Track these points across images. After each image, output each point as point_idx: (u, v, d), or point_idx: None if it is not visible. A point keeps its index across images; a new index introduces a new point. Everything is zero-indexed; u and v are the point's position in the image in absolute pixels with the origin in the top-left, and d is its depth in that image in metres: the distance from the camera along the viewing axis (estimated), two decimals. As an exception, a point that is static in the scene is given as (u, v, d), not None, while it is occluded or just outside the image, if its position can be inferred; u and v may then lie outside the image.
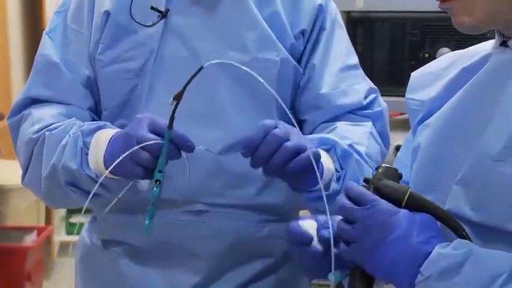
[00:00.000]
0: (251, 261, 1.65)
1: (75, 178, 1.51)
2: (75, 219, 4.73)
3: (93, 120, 1.64)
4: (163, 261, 1.61)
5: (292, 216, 1.70)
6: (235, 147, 1.41)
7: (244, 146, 1.37)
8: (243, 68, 1.26)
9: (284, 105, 1.31)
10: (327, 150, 1.53)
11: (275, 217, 1.66)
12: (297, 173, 1.38)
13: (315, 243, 1.19)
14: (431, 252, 1.05)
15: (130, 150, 1.32)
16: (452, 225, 1.09)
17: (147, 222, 1.34)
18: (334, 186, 1.50)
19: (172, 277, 1.62)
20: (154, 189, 1.32)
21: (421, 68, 1.34)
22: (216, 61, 1.25)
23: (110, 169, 1.35)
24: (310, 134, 1.66)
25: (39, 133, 1.58)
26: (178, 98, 1.28)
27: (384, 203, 1.08)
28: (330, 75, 1.66)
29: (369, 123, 1.65)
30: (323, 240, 1.18)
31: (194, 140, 1.49)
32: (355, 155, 1.54)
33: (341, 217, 1.12)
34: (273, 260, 1.68)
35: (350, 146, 1.55)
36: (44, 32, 1.71)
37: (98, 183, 1.36)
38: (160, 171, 1.32)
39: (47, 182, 1.56)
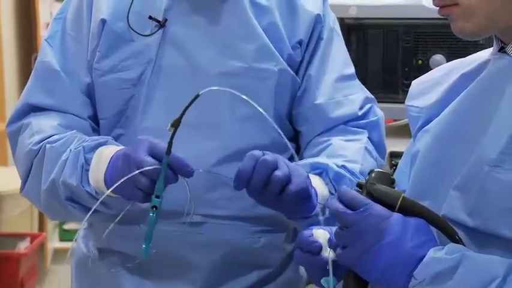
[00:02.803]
0: (247, 272, 1.65)
1: (75, 194, 1.51)
2: (68, 225, 4.71)
3: (93, 129, 1.64)
4: (159, 272, 1.61)
5: (289, 227, 1.70)
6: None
7: (235, 179, 1.37)
8: (241, 95, 1.25)
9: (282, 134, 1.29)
10: (319, 174, 1.52)
11: (271, 228, 1.65)
12: (290, 202, 1.39)
13: (324, 252, 1.20)
14: (425, 256, 1.05)
15: (129, 175, 1.32)
16: (446, 229, 1.09)
17: (144, 246, 1.32)
18: None
19: (168, 288, 1.62)
20: (151, 214, 1.31)
21: (421, 76, 1.34)
22: (215, 88, 1.25)
23: (108, 191, 1.34)
24: (306, 146, 1.66)
25: (39, 145, 1.57)
26: (176, 124, 1.27)
27: (377, 207, 1.08)
28: (326, 85, 1.66)
29: (364, 137, 1.64)
30: (332, 246, 1.19)
31: (189, 150, 1.49)
32: (348, 175, 1.54)
33: None
34: (269, 271, 1.67)
35: (343, 166, 1.55)
36: (44, 38, 1.69)
37: (99, 202, 1.35)
38: (157, 197, 1.31)
39: (47, 196, 1.56)
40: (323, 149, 1.61)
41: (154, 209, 1.31)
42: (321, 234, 1.23)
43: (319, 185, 1.49)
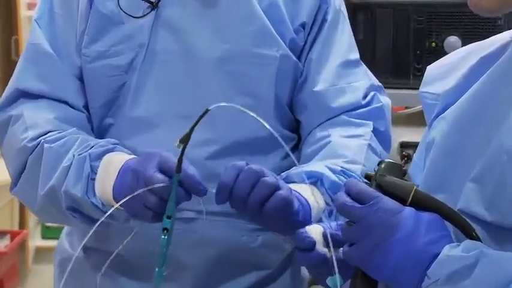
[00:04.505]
0: (244, 273, 1.65)
1: (78, 204, 1.49)
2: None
3: (89, 120, 1.63)
4: (148, 273, 1.57)
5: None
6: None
7: (218, 190, 1.36)
8: (251, 113, 1.22)
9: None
10: (314, 183, 1.50)
11: (270, 225, 1.65)
12: (276, 215, 1.36)
13: (319, 247, 1.22)
14: (439, 254, 1.05)
15: (136, 193, 1.30)
16: (461, 224, 1.09)
17: (157, 270, 1.31)
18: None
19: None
20: (162, 237, 1.29)
21: (437, 61, 1.34)
22: (223, 104, 1.22)
23: (113, 208, 1.33)
24: (304, 140, 1.66)
25: (35, 142, 1.55)
26: (185, 141, 1.25)
27: (387, 201, 1.08)
28: (328, 71, 1.65)
29: (368, 130, 1.63)
30: (327, 240, 1.20)
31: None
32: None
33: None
34: (268, 272, 1.67)
35: (342, 171, 1.53)
36: (33, 19, 1.67)
37: (105, 216, 1.34)
38: (169, 217, 1.29)
39: (44, 201, 1.54)
40: (322, 147, 1.60)
41: (165, 231, 1.29)
42: (314, 229, 1.24)
43: (311, 195, 1.47)
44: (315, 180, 1.50)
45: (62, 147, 1.52)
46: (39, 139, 1.55)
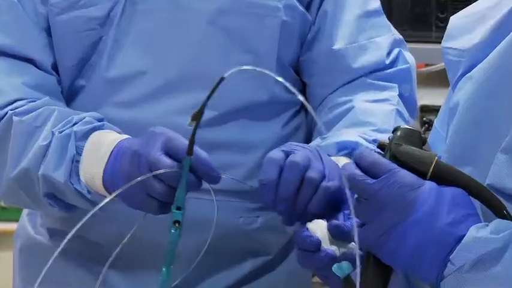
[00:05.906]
0: (240, 260, 1.67)
1: (58, 190, 1.49)
2: (8, 202, 4.70)
3: (58, 82, 1.62)
4: (127, 261, 1.60)
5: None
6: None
7: (262, 190, 1.32)
8: (277, 77, 1.20)
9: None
10: (349, 154, 1.51)
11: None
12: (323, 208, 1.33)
13: (326, 245, 1.23)
14: (465, 235, 1.06)
15: (139, 178, 1.28)
16: (491, 202, 1.10)
17: (164, 269, 1.31)
18: None
19: (139, 281, 1.63)
20: (172, 231, 1.29)
21: (462, 10, 1.34)
22: (245, 67, 1.21)
23: (109, 199, 1.28)
24: (318, 106, 1.67)
25: (1, 113, 1.55)
26: (197, 118, 1.23)
27: (404, 174, 1.09)
28: (346, 25, 1.67)
29: (394, 94, 1.65)
30: (332, 228, 1.23)
31: (175, 103, 1.49)
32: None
33: None
34: (267, 258, 1.69)
35: (375, 141, 1.53)
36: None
37: (96, 209, 1.28)
38: (179, 208, 1.29)
39: (13, 185, 1.55)
40: (343, 114, 1.62)
41: (176, 224, 1.29)
42: (318, 225, 1.25)
43: None
44: (350, 151, 1.51)
45: (36, 121, 1.53)
46: (6, 109, 1.55)
